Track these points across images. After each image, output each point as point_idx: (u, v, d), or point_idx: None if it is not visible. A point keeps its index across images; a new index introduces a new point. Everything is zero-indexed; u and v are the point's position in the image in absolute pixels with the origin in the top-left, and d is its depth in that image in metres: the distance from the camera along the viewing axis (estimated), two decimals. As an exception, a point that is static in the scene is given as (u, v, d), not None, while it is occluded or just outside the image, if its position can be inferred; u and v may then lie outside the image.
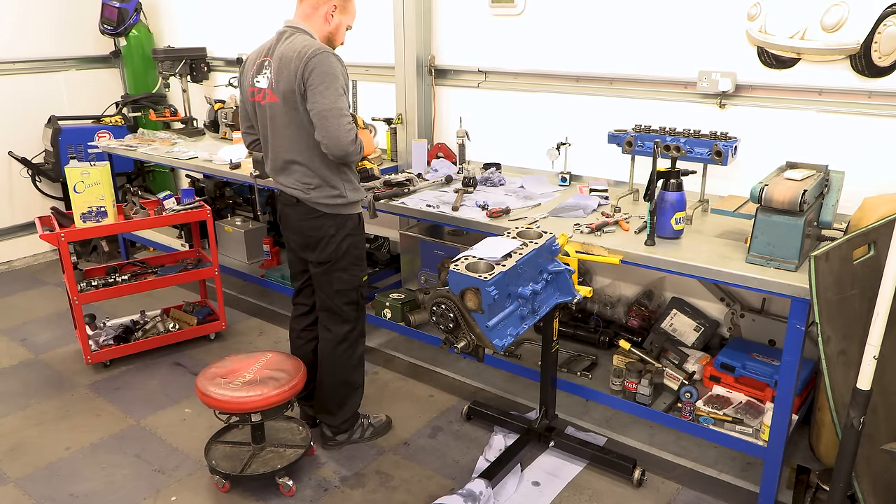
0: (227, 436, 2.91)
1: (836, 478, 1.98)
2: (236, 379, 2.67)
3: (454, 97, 3.97)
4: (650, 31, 3.17)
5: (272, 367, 2.76)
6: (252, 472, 2.69)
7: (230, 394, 2.59)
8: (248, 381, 2.66)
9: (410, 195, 3.35)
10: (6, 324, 4.25)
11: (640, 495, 2.67)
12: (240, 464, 2.72)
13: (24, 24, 5.11)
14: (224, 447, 2.85)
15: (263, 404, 2.60)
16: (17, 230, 5.27)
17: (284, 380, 2.68)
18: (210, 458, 2.76)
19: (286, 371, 2.74)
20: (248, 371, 2.72)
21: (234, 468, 2.70)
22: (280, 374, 2.71)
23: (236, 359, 2.84)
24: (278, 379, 2.68)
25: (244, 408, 2.59)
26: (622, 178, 3.26)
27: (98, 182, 3.46)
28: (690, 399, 2.76)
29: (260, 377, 2.68)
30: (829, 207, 2.48)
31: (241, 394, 2.59)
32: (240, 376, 2.68)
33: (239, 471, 2.68)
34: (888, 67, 2.61)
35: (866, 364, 1.81)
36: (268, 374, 2.71)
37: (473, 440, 3.02)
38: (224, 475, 2.69)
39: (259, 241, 4.59)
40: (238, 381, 2.65)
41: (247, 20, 4.87)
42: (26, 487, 2.77)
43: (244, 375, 2.69)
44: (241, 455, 2.78)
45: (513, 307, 2.24)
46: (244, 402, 2.58)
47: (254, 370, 2.73)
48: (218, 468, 2.70)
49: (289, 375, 2.71)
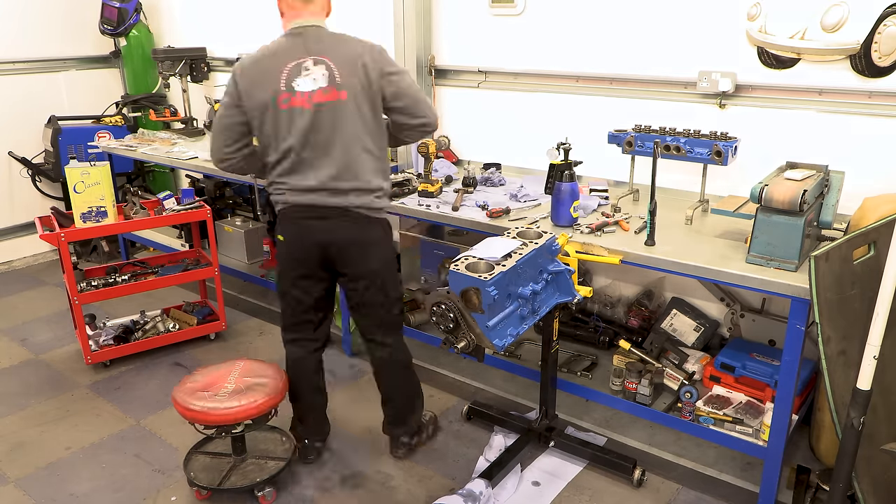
0: (209, 446, 2.83)
1: (836, 478, 1.98)
2: (220, 390, 2.56)
3: (454, 97, 3.97)
4: (650, 31, 3.17)
5: (251, 375, 2.67)
6: (231, 485, 2.62)
7: (221, 405, 2.48)
8: (234, 390, 2.56)
9: (410, 195, 3.35)
10: (6, 324, 4.25)
11: (640, 495, 2.67)
12: (219, 476, 2.65)
13: (24, 24, 5.11)
14: (204, 458, 2.78)
15: (256, 412, 2.51)
16: (17, 230, 5.27)
17: (270, 385, 2.61)
18: (189, 469, 2.69)
19: (267, 376, 2.66)
20: (227, 381, 2.61)
21: (213, 481, 2.63)
22: (262, 380, 2.63)
23: (208, 371, 2.71)
24: (263, 384, 2.60)
25: (237, 417, 2.49)
26: (622, 178, 3.26)
27: (98, 182, 3.46)
28: (690, 399, 2.76)
29: (244, 385, 2.59)
30: (829, 207, 2.48)
31: (231, 404, 2.48)
32: (222, 387, 2.58)
33: (217, 483, 2.61)
34: (888, 67, 2.61)
35: (866, 364, 1.81)
36: (250, 381, 2.62)
37: (473, 440, 3.02)
38: (202, 487, 2.61)
39: (259, 241, 4.59)
40: (224, 392, 2.54)
41: (247, 20, 4.87)
42: (26, 487, 2.77)
43: (226, 385, 2.58)
44: (220, 467, 2.71)
45: (513, 307, 2.24)
46: (237, 411, 2.47)
47: (233, 379, 2.63)
48: (196, 480, 2.63)
49: (272, 380, 2.64)
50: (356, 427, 3.13)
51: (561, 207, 2.81)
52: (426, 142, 3.29)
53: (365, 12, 4.14)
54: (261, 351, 3.85)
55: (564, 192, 2.79)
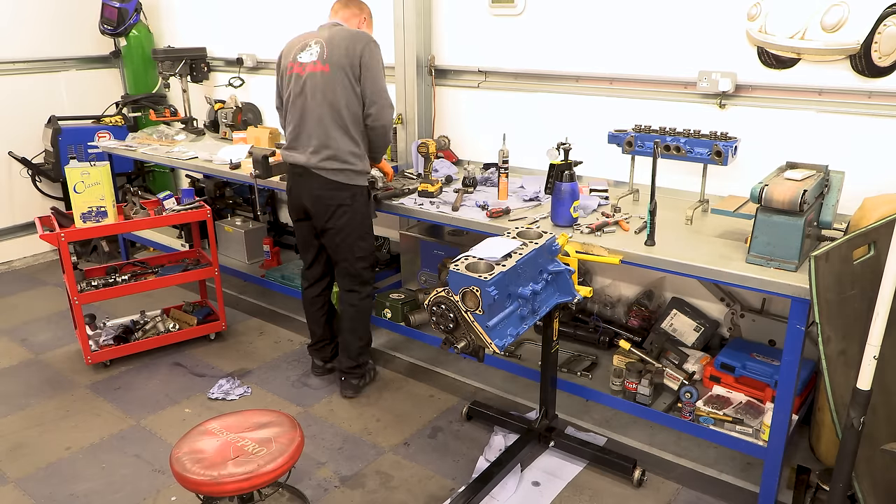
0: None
1: (836, 478, 1.98)
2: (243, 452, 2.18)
3: (454, 97, 3.97)
4: (650, 31, 3.17)
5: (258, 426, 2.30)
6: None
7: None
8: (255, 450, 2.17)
9: (410, 195, 3.35)
10: (6, 324, 4.26)
11: (640, 495, 2.67)
12: None
13: (24, 24, 5.11)
14: None
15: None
16: (17, 230, 5.27)
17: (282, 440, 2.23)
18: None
19: (277, 425, 2.31)
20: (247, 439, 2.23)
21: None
22: (273, 432, 2.27)
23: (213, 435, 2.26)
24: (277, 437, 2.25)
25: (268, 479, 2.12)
26: (622, 178, 3.26)
27: (98, 182, 3.46)
28: (690, 399, 2.76)
29: (260, 437, 2.24)
30: (829, 207, 2.48)
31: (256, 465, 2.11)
32: (244, 448, 2.19)
33: None
34: (888, 67, 2.61)
35: (866, 364, 1.81)
36: (265, 434, 2.26)
37: (473, 440, 3.02)
38: None
39: (259, 241, 4.59)
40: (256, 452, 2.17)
41: (247, 20, 4.87)
42: (26, 487, 2.77)
43: (248, 444, 2.20)
44: None
45: (513, 307, 2.24)
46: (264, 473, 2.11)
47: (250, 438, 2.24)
48: None
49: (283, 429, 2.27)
50: (356, 427, 3.13)
51: (561, 207, 2.82)
52: (426, 142, 3.29)
53: (365, 12, 4.14)
54: (260, 351, 3.85)
55: (564, 192, 2.80)
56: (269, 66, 4.83)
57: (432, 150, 3.31)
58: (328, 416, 3.22)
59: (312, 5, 4.34)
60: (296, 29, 3.00)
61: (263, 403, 3.31)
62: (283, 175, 3.33)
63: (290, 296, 4.17)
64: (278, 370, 3.64)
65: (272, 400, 3.36)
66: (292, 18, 4.49)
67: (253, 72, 4.95)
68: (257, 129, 4.48)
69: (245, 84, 5.00)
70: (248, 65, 4.89)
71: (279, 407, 3.25)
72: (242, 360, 3.75)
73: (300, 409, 3.27)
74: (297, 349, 3.86)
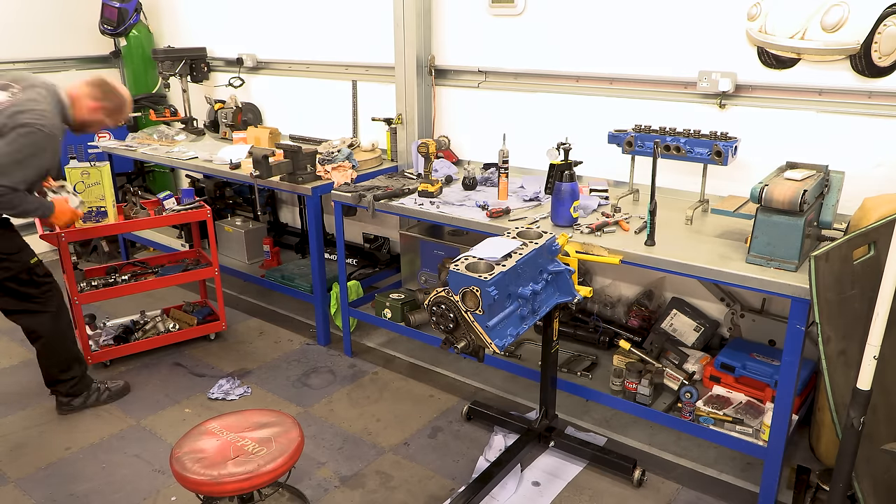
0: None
1: (836, 478, 1.98)
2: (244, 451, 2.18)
3: (454, 97, 3.97)
4: (650, 31, 3.17)
5: (258, 426, 2.30)
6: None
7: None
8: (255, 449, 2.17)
9: (410, 195, 3.35)
10: (6, 324, 4.23)
11: (640, 495, 2.67)
12: None
13: (24, 24, 5.11)
14: None
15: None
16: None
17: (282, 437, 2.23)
18: None
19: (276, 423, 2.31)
20: (246, 439, 2.23)
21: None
22: (272, 430, 2.27)
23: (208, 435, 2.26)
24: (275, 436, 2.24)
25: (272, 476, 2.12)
26: (622, 178, 3.26)
27: (98, 182, 3.46)
28: (690, 399, 2.76)
29: (260, 437, 2.24)
30: (829, 207, 2.48)
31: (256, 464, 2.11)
32: (243, 447, 2.19)
33: None
34: (888, 67, 2.61)
35: (866, 364, 1.81)
36: (264, 434, 2.25)
37: (473, 440, 3.02)
38: None
39: (259, 241, 4.59)
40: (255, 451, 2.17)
41: (247, 20, 4.87)
42: (26, 487, 2.77)
43: (248, 443, 2.20)
44: None
45: (513, 307, 2.24)
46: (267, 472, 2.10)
47: (249, 437, 2.24)
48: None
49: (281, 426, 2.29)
50: (356, 427, 3.13)
51: (561, 207, 2.82)
52: (426, 142, 3.29)
53: (365, 12, 4.15)
54: (260, 351, 3.85)
55: (564, 192, 2.80)
56: (269, 66, 4.84)
57: (432, 150, 3.31)
58: (328, 416, 3.22)
59: (312, 5, 4.35)
60: (296, 29, 2.99)
61: (263, 403, 3.31)
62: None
63: (290, 296, 4.17)
64: (278, 370, 3.64)
65: (272, 400, 3.36)
66: (292, 18, 4.50)
67: (253, 72, 4.95)
68: (257, 129, 4.48)
69: (245, 84, 5.00)
70: (248, 65, 4.89)
71: (279, 407, 3.25)
72: (242, 360, 3.75)
73: (300, 409, 3.27)
74: (297, 349, 3.86)
